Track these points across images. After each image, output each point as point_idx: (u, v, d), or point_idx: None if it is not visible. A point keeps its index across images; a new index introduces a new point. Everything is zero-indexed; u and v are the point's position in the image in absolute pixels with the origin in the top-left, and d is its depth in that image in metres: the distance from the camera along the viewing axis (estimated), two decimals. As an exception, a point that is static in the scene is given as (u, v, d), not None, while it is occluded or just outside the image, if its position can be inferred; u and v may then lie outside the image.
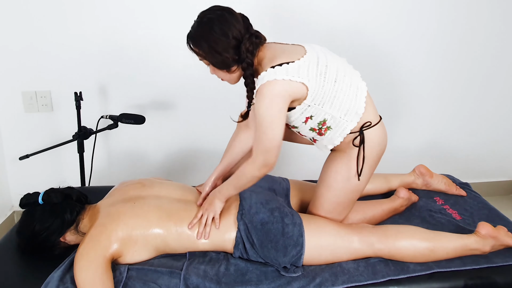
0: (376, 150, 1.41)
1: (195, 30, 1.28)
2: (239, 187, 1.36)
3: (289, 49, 1.32)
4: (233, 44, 1.26)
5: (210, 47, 1.26)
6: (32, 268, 1.34)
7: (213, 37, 1.25)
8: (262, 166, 1.28)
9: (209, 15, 1.27)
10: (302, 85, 1.25)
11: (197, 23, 1.28)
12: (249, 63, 1.28)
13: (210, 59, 1.29)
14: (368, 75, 2.33)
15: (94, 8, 2.05)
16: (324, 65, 1.30)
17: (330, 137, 1.38)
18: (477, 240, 1.39)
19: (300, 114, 1.33)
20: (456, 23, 2.32)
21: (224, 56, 1.26)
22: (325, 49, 1.39)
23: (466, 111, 2.53)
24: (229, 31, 1.24)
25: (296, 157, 2.47)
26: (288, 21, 2.20)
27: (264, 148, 1.26)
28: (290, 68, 1.24)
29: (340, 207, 1.47)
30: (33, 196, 1.39)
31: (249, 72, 1.29)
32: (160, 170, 2.39)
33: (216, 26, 1.24)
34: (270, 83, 1.22)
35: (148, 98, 2.24)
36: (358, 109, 1.34)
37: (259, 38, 1.31)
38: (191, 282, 1.24)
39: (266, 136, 1.24)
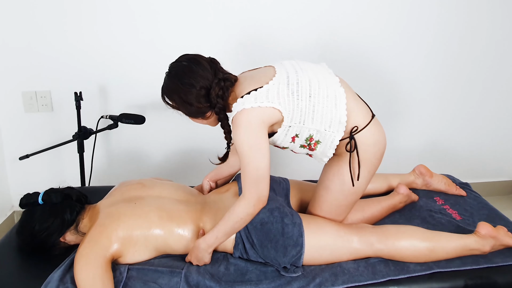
0: (373, 151, 1.37)
1: (165, 83, 1.33)
2: (231, 232, 1.31)
3: (258, 75, 1.32)
4: (203, 93, 1.28)
5: (181, 99, 1.29)
6: (32, 268, 1.34)
7: (182, 90, 1.28)
8: (256, 200, 1.25)
9: (176, 68, 1.31)
10: (273, 109, 1.24)
11: (167, 76, 1.33)
12: (220, 108, 1.30)
13: (184, 110, 1.33)
14: (368, 75, 2.35)
15: (94, 8, 2.05)
16: (295, 83, 1.27)
17: (322, 150, 1.36)
18: (477, 240, 1.39)
19: (285, 136, 1.32)
20: (456, 22, 2.32)
21: (195, 106, 1.29)
22: (296, 63, 1.36)
23: (466, 111, 2.53)
24: (196, 83, 1.27)
25: (296, 157, 2.46)
26: (287, 20, 2.20)
27: (252, 180, 1.23)
28: (259, 94, 1.24)
29: (339, 209, 1.46)
30: (33, 196, 1.39)
31: (223, 116, 1.32)
32: (160, 170, 2.39)
33: (184, 79, 1.27)
34: (240, 113, 1.23)
35: (148, 98, 2.24)
36: (341, 117, 1.30)
37: (229, 80, 1.31)
38: (192, 280, 1.25)
39: (251, 167, 1.23)
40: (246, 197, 1.26)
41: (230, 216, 1.28)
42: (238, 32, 2.17)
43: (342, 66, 2.30)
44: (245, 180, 1.25)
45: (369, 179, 1.43)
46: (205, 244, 1.31)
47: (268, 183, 1.26)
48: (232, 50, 2.19)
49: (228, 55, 2.17)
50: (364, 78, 2.35)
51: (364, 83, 2.36)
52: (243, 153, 1.23)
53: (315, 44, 2.24)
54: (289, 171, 2.46)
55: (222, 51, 2.17)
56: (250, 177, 1.24)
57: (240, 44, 2.19)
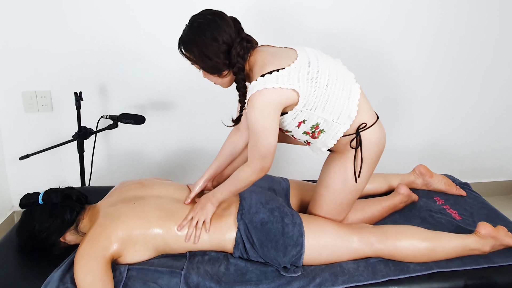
0: (374, 150, 1.40)
1: (185, 35, 1.28)
2: (234, 191, 1.37)
3: (280, 54, 1.31)
4: (224, 49, 1.26)
5: (201, 52, 1.26)
6: (32, 268, 1.34)
7: (203, 42, 1.25)
8: (259, 170, 1.31)
9: (199, 19, 1.27)
10: (293, 92, 1.25)
11: (188, 27, 1.28)
12: (240, 68, 1.28)
13: (201, 63, 1.29)
14: (368, 75, 2.35)
15: (94, 8, 2.05)
16: (315, 70, 1.28)
17: (324, 139, 1.38)
18: (477, 240, 1.39)
19: (293, 119, 1.33)
20: (456, 23, 2.32)
21: (214, 61, 1.27)
22: (317, 52, 1.37)
23: (466, 111, 2.53)
24: (219, 36, 1.24)
25: (296, 157, 2.47)
26: (287, 20, 2.20)
27: (260, 154, 1.28)
28: (280, 75, 1.24)
29: (340, 208, 1.47)
30: (33, 196, 1.39)
31: (240, 77, 1.30)
32: (160, 170, 2.39)
33: (206, 31, 1.24)
34: (261, 92, 1.23)
35: (148, 98, 2.24)
36: (351, 112, 1.33)
37: (250, 42, 1.31)
38: (192, 281, 1.25)
39: (261, 143, 1.26)
40: (250, 166, 1.31)
41: (234, 178, 1.35)
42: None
43: (342, 66, 2.31)
44: (253, 153, 1.29)
45: (368, 178, 1.45)
46: (212, 196, 1.38)
47: (272, 158, 1.30)
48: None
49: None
50: (364, 78, 2.34)
51: (364, 83, 2.35)
52: (255, 131, 1.25)
53: (315, 45, 2.24)
54: (289, 171, 2.46)
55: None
56: (258, 152, 1.28)
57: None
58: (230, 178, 1.36)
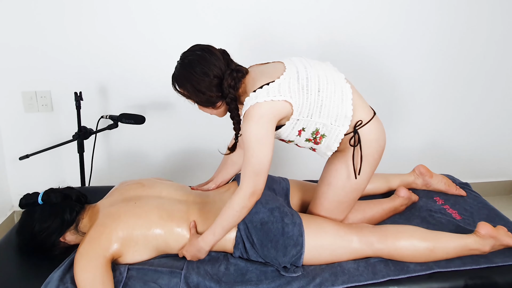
0: (374, 146, 1.40)
1: (178, 72, 1.32)
2: (228, 227, 1.31)
3: (268, 70, 1.35)
4: (215, 83, 1.29)
5: (193, 88, 1.30)
6: (32, 268, 1.34)
7: (195, 78, 1.28)
8: (251, 194, 1.26)
9: (189, 56, 1.31)
10: (285, 103, 1.26)
11: (179, 65, 1.32)
12: (232, 98, 1.32)
13: (195, 98, 1.33)
14: (368, 75, 2.35)
15: (94, 9, 2.05)
16: (304, 78, 1.31)
17: (327, 144, 1.39)
18: (476, 240, 1.39)
19: (292, 129, 1.34)
20: (456, 23, 2.32)
21: (207, 94, 1.30)
22: (305, 60, 1.39)
23: (466, 111, 2.53)
24: (209, 71, 1.28)
25: (296, 157, 2.47)
26: (288, 21, 2.20)
27: (253, 171, 1.25)
28: (271, 88, 1.26)
29: (341, 207, 1.47)
30: (33, 196, 1.39)
31: (233, 106, 1.33)
32: (160, 170, 2.39)
33: (197, 67, 1.28)
34: (253, 107, 1.25)
35: (148, 98, 2.24)
36: (347, 112, 1.34)
37: (241, 71, 1.34)
38: (192, 281, 1.25)
39: (256, 158, 1.24)
40: (242, 188, 1.27)
41: (226, 210, 1.29)
42: (239, 32, 2.17)
43: (342, 66, 2.29)
44: (246, 171, 1.26)
45: (370, 176, 1.45)
46: (203, 242, 1.31)
47: (265, 178, 1.27)
48: (232, 50, 2.19)
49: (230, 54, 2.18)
50: (364, 78, 2.35)
51: (364, 83, 2.36)
52: (250, 146, 1.25)
53: (315, 44, 2.24)
54: (289, 171, 2.46)
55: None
56: (251, 169, 1.25)
57: (241, 43, 2.19)
58: (221, 214, 1.30)
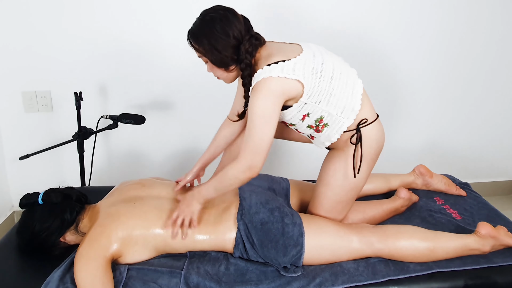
0: (374, 147, 1.41)
1: (197, 27, 1.30)
2: (220, 189, 1.33)
3: (285, 48, 1.33)
4: (233, 44, 1.28)
5: (211, 45, 1.28)
6: (32, 268, 1.34)
7: (214, 35, 1.27)
8: (247, 168, 1.26)
9: (211, 13, 1.29)
10: (297, 83, 1.26)
11: (200, 20, 1.30)
12: (247, 64, 1.30)
13: (210, 56, 1.30)
14: (368, 75, 2.34)
15: (94, 9, 2.05)
16: (320, 63, 1.31)
17: (327, 134, 1.39)
18: (477, 240, 1.39)
19: (297, 112, 1.34)
20: (456, 22, 2.32)
21: (223, 54, 1.28)
22: (322, 48, 1.39)
23: (466, 111, 2.53)
24: (230, 31, 1.26)
25: (296, 157, 2.47)
26: (289, 20, 2.20)
27: (253, 147, 1.25)
28: (286, 66, 1.25)
29: (340, 206, 1.47)
30: (33, 196, 1.39)
31: (247, 73, 1.31)
32: (160, 170, 2.39)
33: (218, 25, 1.26)
34: (265, 80, 1.24)
35: (148, 98, 2.24)
36: (355, 105, 1.35)
37: (259, 40, 1.33)
38: (192, 281, 1.25)
39: (257, 134, 1.24)
40: (239, 161, 1.26)
41: (221, 176, 1.30)
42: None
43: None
44: (246, 146, 1.25)
45: (367, 175, 1.46)
46: (198, 193, 1.33)
47: (264, 157, 1.26)
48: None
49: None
50: (364, 78, 2.33)
51: (364, 83, 2.35)
52: (254, 119, 1.24)
53: (316, 42, 2.24)
54: (289, 171, 2.46)
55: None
56: (252, 144, 1.25)
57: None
58: (217, 176, 1.32)
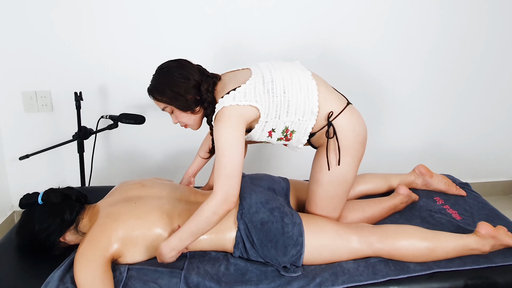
0: (352, 136, 1.41)
1: (156, 79, 1.38)
2: (197, 232, 1.26)
3: (236, 76, 1.40)
4: (194, 85, 1.36)
5: (173, 92, 1.34)
6: (32, 268, 1.34)
7: (174, 81, 1.35)
8: (224, 200, 1.23)
9: (166, 65, 1.38)
10: (251, 107, 1.31)
11: (157, 73, 1.38)
12: (210, 102, 1.37)
13: (174, 103, 1.36)
14: (368, 75, 2.35)
15: (94, 9, 2.05)
16: (269, 82, 1.35)
17: (297, 138, 1.43)
18: (477, 240, 1.39)
19: (262, 131, 1.38)
20: (457, 23, 2.32)
21: (187, 97, 1.35)
22: (270, 63, 1.44)
23: (466, 111, 2.53)
24: (188, 74, 1.35)
25: (295, 157, 2.46)
26: (286, 23, 2.20)
27: (225, 173, 1.24)
28: (237, 93, 1.31)
29: (333, 202, 1.48)
30: (33, 196, 1.39)
31: (210, 110, 1.37)
32: (160, 170, 2.39)
33: (176, 72, 1.35)
34: (221, 111, 1.30)
35: (148, 98, 2.22)
36: (313, 108, 1.37)
37: (216, 77, 1.41)
38: (192, 281, 1.25)
39: (226, 160, 1.25)
40: (215, 193, 1.25)
41: (196, 215, 1.26)
42: (238, 31, 2.17)
43: (341, 66, 2.31)
44: (218, 175, 1.26)
45: (355, 166, 1.45)
46: (167, 247, 1.26)
47: (238, 183, 1.26)
48: (232, 49, 2.19)
49: (227, 53, 2.18)
50: (364, 78, 2.35)
51: (365, 83, 2.36)
52: (219, 147, 1.28)
53: (314, 46, 2.24)
54: (289, 171, 2.46)
55: (221, 51, 2.18)
56: (223, 171, 1.25)
57: (240, 44, 2.19)
58: (191, 218, 1.27)
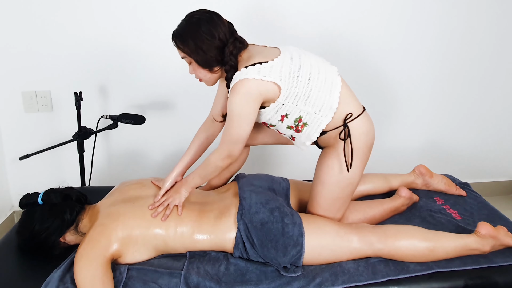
0: (364, 140, 1.42)
1: (182, 28, 1.34)
2: (204, 176, 1.44)
3: (265, 51, 1.38)
4: (218, 45, 1.32)
5: (196, 45, 1.31)
6: (32, 268, 1.34)
7: (200, 35, 1.30)
8: (226, 156, 1.37)
9: (197, 15, 1.33)
10: (273, 85, 1.29)
11: (185, 21, 1.34)
12: (232, 66, 1.34)
13: (195, 56, 1.33)
14: (368, 75, 2.35)
15: (94, 9, 2.05)
16: (297, 65, 1.34)
17: (307, 133, 1.42)
18: (477, 240, 1.39)
19: (275, 113, 1.36)
20: (457, 23, 2.32)
21: (208, 55, 1.32)
22: (301, 50, 1.43)
23: (466, 111, 2.53)
24: (215, 32, 1.31)
25: (296, 157, 2.47)
26: (288, 19, 2.20)
27: (231, 139, 1.34)
28: (263, 68, 1.29)
29: (337, 203, 1.47)
30: (33, 196, 1.39)
31: (231, 74, 1.34)
32: (160, 170, 2.39)
33: (204, 26, 1.30)
34: (242, 81, 1.28)
35: (148, 98, 2.24)
36: (332, 104, 1.37)
37: (242, 43, 1.38)
38: (192, 281, 1.25)
39: (235, 129, 1.32)
40: (219, 150, 1.38)
41: (204, 163, 1.43)
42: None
43: (342, 65, 2.29)
44: (225, 137, 1.35)
45: (362, 169, 1.46)
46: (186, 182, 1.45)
47: (242, 146, 1.37)
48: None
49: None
50: (364, 78, 2.35)
51: (365, 83, 2.36)
52: (233, 117, 1.31)
53: (316, 43, 2.24)
54: (289, 171, 2.46)
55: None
56: (230, 137, 1.34)
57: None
58: (201, 164, 1.44)
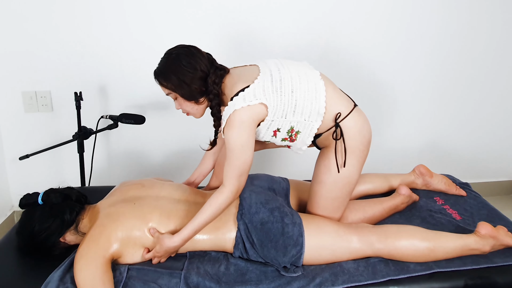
0: (359, 138, 1.41)
1: (163, 65, 1.36)
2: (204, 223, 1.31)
3: (245, 73, 1.39)
4: (200, 76, 1.34)
5: (179, 79, 1.33)
6: (32, 268, 1.34)
7: (181, 69, 1.32)
8: (236, 192, 1.33)
9: (175, 51, 1.36)
10: (261, 105, 1.31)
11: (165, 58, 1.36)
12: (215, 94, 1.36)
13: (179, 91, 1.35)
14: (368, 75, 2.35)
15: (94, 9, 2.05)
16: (278, 80, 1.34)
17: (302, 139, 1.43)
18: (477, 240, 1.39)
19: (267, 130, 1.37)
20: (457, 24, 2.32)
21: (192, 87, 1.33)
22: (279, 61, 1.43)
23: (466, 111, 2.53)
24: (196, 64, 1.33)
25: (296, 157, 2.47)
26: (288, 22, 2.20)
27: (238, 172, 1.31)
28: (246, 94, 1.30)
29: (336, 203, 1.47)
30: (33, 196, 1.39)
31: (216, 102, 1.37)
32: (160, 170, 2.39)
33: (184, 60, 1.33)
34: (233, 114, 1.29)
35: (148, 98, 2.24)
36: (320, 109, 1.37)
37: (224, 69, 1.39)
38: (191, 281, 1.25)
39: (239, 160, 1.30)
40: (228, 187, 1.32)
41: (210, 206, 1.31)
42: (237, 31, 2.17)
43: (342, 66, 2.31)
44: (230, 172, 1.32)
45: (359, 168, 1.45)
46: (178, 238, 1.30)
47: (247, 175, 1.35)
48: (231, 49, 2.19)
49: (226, 53, 2.18)
50: (364, 78, 2.35)
51: (365, 83, 2.36)
52: (234, 150, 1.30)
53: (316, 44, 2.24)
54: (289, 171, 2.46)
55: (220, 50, 2.18)
56: (235, 170, 1.31)
57: (239, 44, 2.19)
58: (202, 210, 1.31)
